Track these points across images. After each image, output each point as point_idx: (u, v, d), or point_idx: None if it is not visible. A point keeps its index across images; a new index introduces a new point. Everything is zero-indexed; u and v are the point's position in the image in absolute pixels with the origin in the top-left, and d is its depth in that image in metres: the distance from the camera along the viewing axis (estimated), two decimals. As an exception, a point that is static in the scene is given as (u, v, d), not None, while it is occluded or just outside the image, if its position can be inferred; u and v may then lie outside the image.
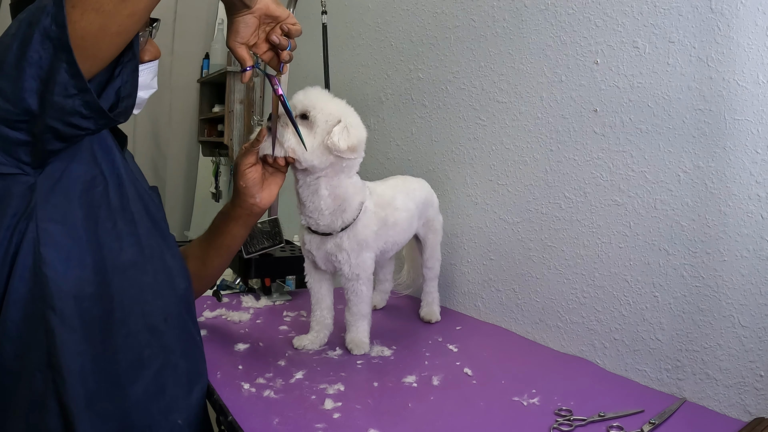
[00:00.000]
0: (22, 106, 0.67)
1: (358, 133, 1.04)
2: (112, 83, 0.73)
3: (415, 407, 0.90)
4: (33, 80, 0.66)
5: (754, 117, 0.89)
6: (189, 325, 0.92)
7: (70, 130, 0.70)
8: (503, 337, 1.27)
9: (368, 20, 1.82)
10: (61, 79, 0.66)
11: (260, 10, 0.88)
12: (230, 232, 1.04)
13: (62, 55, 0.65)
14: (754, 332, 0.90)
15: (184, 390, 0.88)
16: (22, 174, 0.73)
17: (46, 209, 0.75)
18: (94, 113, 0.70)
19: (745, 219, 0.91)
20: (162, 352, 0.85)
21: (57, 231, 0.75)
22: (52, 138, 0.71)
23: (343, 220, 1.09)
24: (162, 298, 0.86)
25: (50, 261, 0.74)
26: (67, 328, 0.76)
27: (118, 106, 0.73)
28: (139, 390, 0.82)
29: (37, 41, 0.65)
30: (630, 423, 0.85)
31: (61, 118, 0.69)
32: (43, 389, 0.76)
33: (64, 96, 0.67)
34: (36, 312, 0.75)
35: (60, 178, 0.76)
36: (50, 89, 0.66)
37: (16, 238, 0.74)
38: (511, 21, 1.30)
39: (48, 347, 0.75)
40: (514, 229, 1.31)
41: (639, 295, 1.06)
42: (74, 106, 0.68)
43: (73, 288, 0.76)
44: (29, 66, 0.66)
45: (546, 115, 1.23)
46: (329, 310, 1.18)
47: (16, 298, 0.74)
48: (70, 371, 0.76)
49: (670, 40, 1.00)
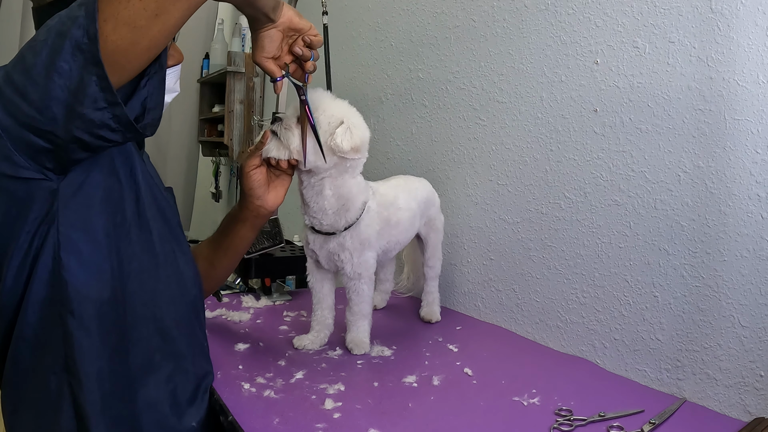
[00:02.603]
0: (47, 114, 0.67)
1: (361, 133, 1.05)
2: (137, 94, 0.72)
3: (415, 407, 0.90)
4: (61, 90, 0.66)
5: (754, 117, 0.89)
6: (197, 330, 0.92)
7: (97, 142, 0.70)
8: (503, 337, 1.27)
9: (368, 20, 1.82)
10: (91, 92, 0.66)
11: (284, 23, 0.89)
12: (237, 233, 1.04)
13: (92, 68, 0.65)
14: (754, 332, 0.90)
15: (194, 394, 0.89)
16: (45, 179, 0.73)
17: (67, 215, 0.75)
18: (122, 126, 0.70)
19: (745, 219, 0.91)
20: (173, 357, 0.86)
21: (77, 237, 0.76)
22: (78, 148, 0.71)
23: (347, 219, 1.09)
24: (174, 304, 0.87)
25: (70, 266, 0.75)
26: (85, 332, 0.76)
27: (144, 118, 0.73)
28: (150, 394, 0.82)
29: (68, 52, 0.65)
30: (630, 423, 0.85)
31: (89, 130, 0.68)
32: (58, 391, 0.76)
33: (94, 108, 0.67)
34: (54, 315, 0.75)
35: (81, 185, 0.76)
36: (79, 101, 0.66)
37: (37, 242, 0.74)
38: (511, 21, 1.30)
39: (65, 350, 0.76)
40: (514, 229, 1.31)
41: (639, 295, 1.06)
42: (103, 119, 0.68)
43: (92, 293, 0.77)
44: (59, 76, 0.65)
45: (546, 115, 1.23)
46: (330, 310, 1.18)
47: (35, 300, 0.75)
48: (87, 374, 0.76)
49: (670, 40, 1.00)
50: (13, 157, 0.70)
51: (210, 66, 2.94)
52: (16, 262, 0.74)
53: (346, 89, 1.89)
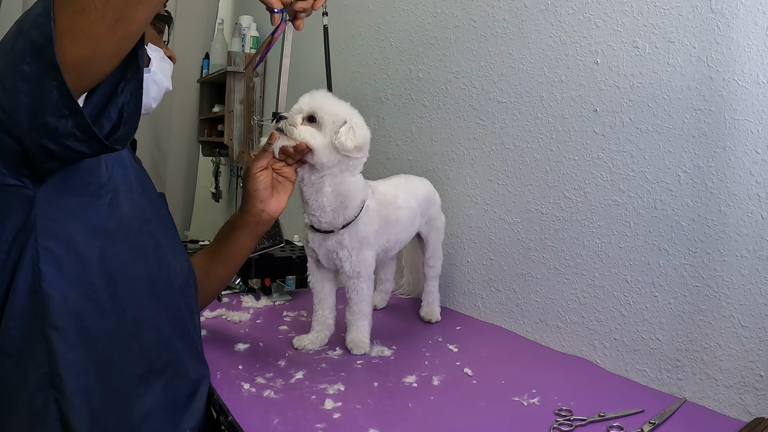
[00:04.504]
0: (14, 119, 0.63)
1: (363, 132, 1.07)
2: (114, 101, 0.67)
3: (415, 407, 0.90)
4: (24, 96, 0.61)
5: (754, 117, 0.89)
6: (192, 333, 0.91)
7: (65, 153, 0.66)
8: (503, 337, 1.27)
9: (368, 20, 1.82)
10: (52, 100, 0.61)
11: None
12: (237, 241, 1.02)
13: (51, 72, 0.60)
14: (754, 332, 0.90)
15: (190, 399, 0.87)
16: (21, 186, 0.69)
17: (45, 225, 0.71)
18: (86, 137, 0.64)
19: (745, 219, 0.91)
20: (170, 364, 0.84)
21: (57, 248, 0.72)
22: (46, 158, 0.66)
23: (345, 217, 1.10)
24: (173, 309, 0.85)
25: (50, 278, 0.71)
26: (70, 346, 0.72)
27: (119, 128, 0.68)
28: (147, 403, 0.80)
29: (28, 54, 0.60)
30: (630, 423, 0.85)
31: (54, 139, 0.64)
32: (44, 408, 0.72)
33: (57, 117, 0.62)
34: (36, 330, 0.71)
35: (62, 190, 0.72)
36: (42, 108, 0.62)
37: (14, 253, 0.70)
38: (511, 21, 1.30)
39: (50, 366, 0.71)
40: (514, 229, 1.31)
41: (639, 295, 1.06)
42: (68, 127, 0.63)
43: (76, 306, 0.72)
44: (22, 80, 0.61)
45: (546, 115, 1.23)
46: (331, 310, 1.18)
47: (16, 315, 0.71)
48: (73, 391, 0.73)
49: (670, 40, 1.00)
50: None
51: (210, 66, 2.94)
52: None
53: (346, 89, 1.89)
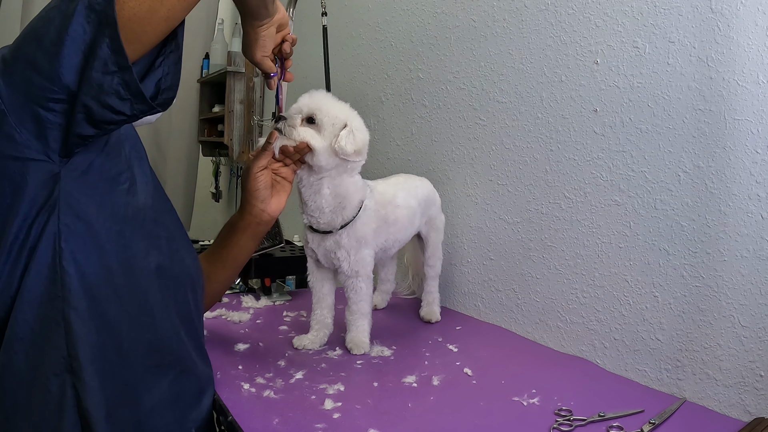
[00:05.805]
0: (60, 82, 0.63)
1: (363, 136, 1.07)
2: (152, 74, 0.68)
3: (415, 407, 0.90)
4: (75, 55, 0.62)
5: (754, 117, 0.89)
6: (199, 331, 0.91)
7: (103, 113, 0.65)
8: (503, 337, 1.27)
9: (368, 20, 1.82)
10: (102, 54, 0.62)
11: (279, 19, 0.88)
12: (238, 243, 1.02)
13: (106, 29, 0.61)
14: (754, 332, 0.90)
15: (197, 398, 0.87)
16: (47, 161, 0.68)
17: (69, 203, 0.70)
18: (131, 95, 0.65)
19: (745, 219, 0.91)
20: (179, 360, 0.83)
21: (80, 227, 0.70)
22: (84, 119, 0.66)
23: (343, 217, 1.10)
24: (182, 304, 0.84)
25: (72, 256, 0.70)
26: (89, 329, 0.71)
27: (157, 99, 0.69)
28: (155, 397, 0.79)
29: (81, 14, 0.62)
30: (630, 423, 0.85)
31: (97, 96, 0.64)
32: (60, 395, 0.71)
33: (104, 72, 0.63)
34: (53, 312, 0.70)
35: (86, 171, 0.71)
36: (90, 64, 0.62)
37: (35, 232, 0.68)
38: (511, 21, 1.30)
39: (68, 350, 0.70)
40: (514, 229, 1.31)
41: (639, 295, 1.06)
42: (113, 84, 0.64)
43: (94, 289, 0.71)
44: (71, 41, 0.62)
45: (546, 115, 1.23)
46: (330, 309, 1.18)
47: (31, 297, 0.69)
48: (92, 376, 0.71)
49: (670, 40, 1.00)
50: (15, 136, 0.65)
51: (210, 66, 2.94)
52: (9, 254, 0.68)
53: (346, 89, 1.89)
